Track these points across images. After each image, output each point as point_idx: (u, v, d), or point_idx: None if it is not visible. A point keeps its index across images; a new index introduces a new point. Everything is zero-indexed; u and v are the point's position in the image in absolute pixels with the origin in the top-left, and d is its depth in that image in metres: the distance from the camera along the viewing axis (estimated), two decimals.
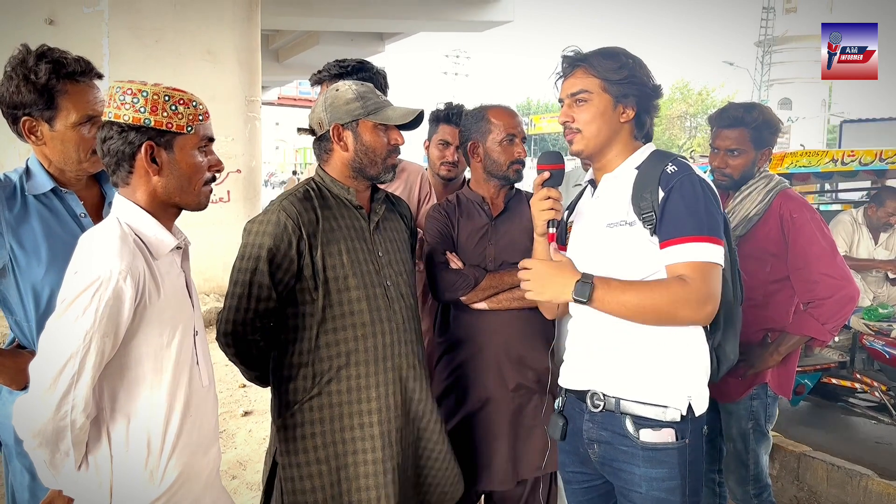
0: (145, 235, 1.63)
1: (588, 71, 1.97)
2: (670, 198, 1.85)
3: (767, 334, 2.79)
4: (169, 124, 1.61)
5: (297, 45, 19.95)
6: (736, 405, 2.81)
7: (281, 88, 32.32)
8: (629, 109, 1.96)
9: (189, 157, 1.66)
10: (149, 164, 1.61)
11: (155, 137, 1.61)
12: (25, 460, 1.94)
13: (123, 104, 1.59)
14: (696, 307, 1.79)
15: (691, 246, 1.81)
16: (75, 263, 1.54)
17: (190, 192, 1.69)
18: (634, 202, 1.90)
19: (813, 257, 2.66)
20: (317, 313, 2.06)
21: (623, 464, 1.94)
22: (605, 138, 1.98)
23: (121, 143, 1.59)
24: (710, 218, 1.85)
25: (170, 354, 1.64)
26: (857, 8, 38.70)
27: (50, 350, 1.49)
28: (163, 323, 1.62)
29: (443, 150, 3.05)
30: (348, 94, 2.13)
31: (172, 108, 1.61)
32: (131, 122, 1.58)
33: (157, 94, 1.60)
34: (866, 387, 4.87)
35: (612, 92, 1.95)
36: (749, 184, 2.80)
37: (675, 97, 45.04)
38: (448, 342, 2.63)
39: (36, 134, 1.95)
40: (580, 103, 1.98)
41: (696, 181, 1.87)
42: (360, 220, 2.18)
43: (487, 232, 2.59)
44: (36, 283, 1.92)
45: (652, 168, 1.92)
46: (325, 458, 2.09)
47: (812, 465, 4.20)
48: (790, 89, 42.63)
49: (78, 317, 1.47)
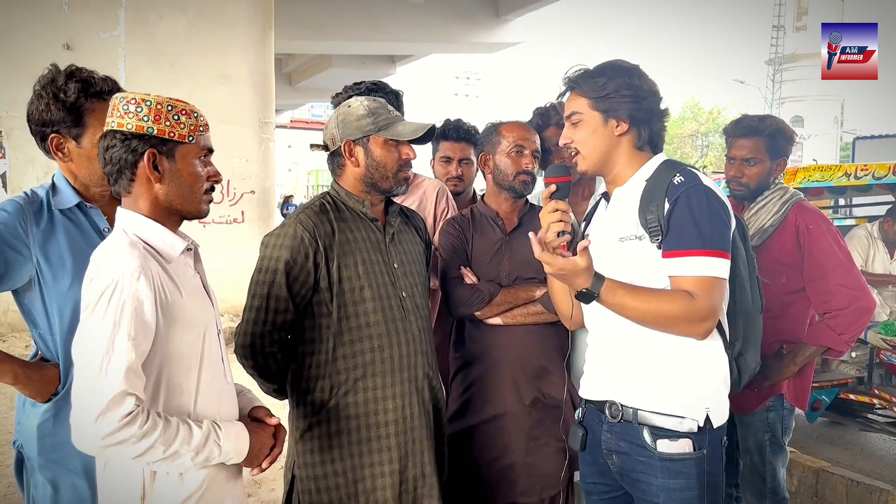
0: (153, 242, 1.65)
1: (577, 92, 2.01)
2: (675, 209, 1.85)
3: (783, 346, 2.78)
4: (171, 133, 1.64)
5: (310, 68, 20.17)
6: (752, 417, 2.80)
7: (293, 112, 32.62)
8: (622, 123, 1.96)
9: (190, 166, 1.69)
10: (151, 172, 1.63)
11: (157, 145, 1.63)
12: (48, 473, 1.96)
13: (127, 113, 1.61)
14: (696, 323, 1.82)
15: (695, 260, 1.81)
16: (89, 273, 1.57)
17: (191, 199, 1.71)
18: (641, 215, 1.90)
19: (829, 268, 2.66)
20: (333, 325, 2.08)
21: (641, 474, 1.94)
22: (603, 154, 2.00)
23: (123, 151, 1.62)
24: (715, 229, 1.84)
25: (198, 352, 1.67)
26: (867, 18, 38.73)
27: (82, 360, 1.51)
28: (188, 323, 1.64)
29: (446, 167, 3.07)
30: (360, 110, 2.16)
31: (175, 118, 1.64)
32: (134, 130, 1.61)
33: (161, 104, 1.63)
34: (884, 402, 4.81)
35: (600, 108, 1.96)
36: (764, 195, 2.81)
37: (686, 116, 45.06)
38: (463, 358, 2.63)
39: (63, 150, 2.00)
40: (575, 125, 2.01)
41: (701, 191, 1.86)
42: (376, 233, 2.20)
43: (501, 247, 2.60)
44: (61, 297, 1.94)
45: (660, 180, 1.92)
46: (342, 471, 2.10)
47: (831, 481, 4.15)
48: (802, 107, 42.54)
49: (100, 321, 1.49)
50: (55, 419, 1.95)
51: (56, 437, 1.95)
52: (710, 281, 1.81)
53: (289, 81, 21.79)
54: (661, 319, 1.84)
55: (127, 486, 1.60)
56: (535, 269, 2.46)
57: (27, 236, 1.93)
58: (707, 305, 1.80)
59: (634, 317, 1.86)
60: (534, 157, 2.61)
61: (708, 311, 1.80)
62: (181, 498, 1.61)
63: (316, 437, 2.10)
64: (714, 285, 1.81)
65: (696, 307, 1.79)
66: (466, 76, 61.39)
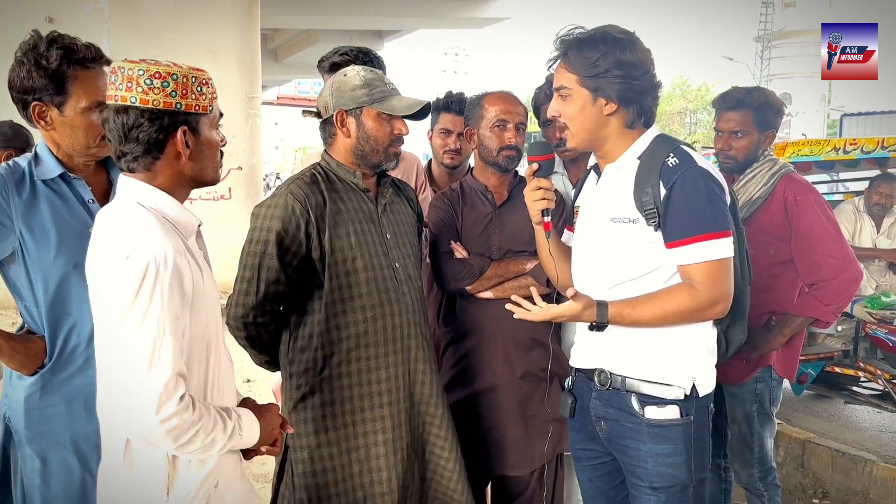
0: (172, 217, 1.59)
1: (567, 66, 1.95)
2: (673, 195, 1.84)
3: (772, 317, 2.80)
4: (197, 107, 1.57)
5: (296, 44, 19.94)
6: (740, 388, 2.83)
7: (280, 88, 32.30)
8: (612, 103, 1.92)
9: (211, 136, 1.64)
10: (183, 149, 1.56)
11: (186, 122, 1.56)
12: (36, 446, 1.95)
13: (151, 88, 1.50)
14: (707, 309, 1.86)
15: (699, 246, 1.83)
16: (121, 246, 1.47)
17: (212, 169, 1.67)
18: (636, 197, 1.90)
19: (816, 239, 2.67)
20: (325, 296, 2.07)
21: (629, 440, 1.96)
22: (591, 132, 1.97)
23: (154, 131, 1.53)
24: (714, 210, 1.85)
25: (213, 332, 1.64)
26: (856, 1, 38.57)
27: (134, 344, 1.45)
28: (206, 302, 1.60)
29: (445, 139, 3.06)
30: (355, 80, 2.13)
31: (198, 90, 1.57)
32: (162, 107, 1.52)
33: (186, 77, 1.54)
34: (869, 375, 4.87)
35: (590, 87, 1.91)
36: (753, 167, 2.81)
37: (675, 93, 44.97)
38: (454, 332, 2.63)
39: (45, 119, 1.96)
40: (564, 98, 1.97)
41: (697, 174, 1.86)
42: (368, 203, 2.19)
43: (491, 221, 2.59)
44: (45, 269, 1.92)
45: (653, 160, 1.90)
46: (335, 440, 2.10)
47: (817, 452, 4.22)
48: (790, 84, 42.53)
49: (148, 302, 1.44)
50: (42, 392, 1.94)
51: (44, 409, 1.94)
52: (717, 264, 1.83)
53: (275, 57, 21.55)
54: (675, 318, 1.87)
55: (152, 472, 1.55)
56: (526, 243, 2.46)
57: (9, 207, 1.90)
58: (713, 291, 1.83)
59: (650, 325, 1.90)
60: (518, 129, 2.54)
61: (716, 296, 1.84)
62: (199, 480, 1.58)
63: (309, 408, 2.10)
64: (721, 268, 1.84)
65: (700, 297, 1.83)
66: (455, 52, 61.00)
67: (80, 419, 1.95)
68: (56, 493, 1.96)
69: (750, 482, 2.87)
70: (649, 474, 1.93)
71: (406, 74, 58.81)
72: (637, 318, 1.88)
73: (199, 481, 1.58)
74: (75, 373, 1.96)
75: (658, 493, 1.93)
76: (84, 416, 1.94)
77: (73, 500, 1.97)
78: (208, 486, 1.60)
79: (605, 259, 1.99)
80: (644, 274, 1.92)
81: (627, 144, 1.98)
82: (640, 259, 1.91)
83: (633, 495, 2.01)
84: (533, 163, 2.07)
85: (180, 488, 1.56)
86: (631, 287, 1.92)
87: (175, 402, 1.45)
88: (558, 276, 2.16)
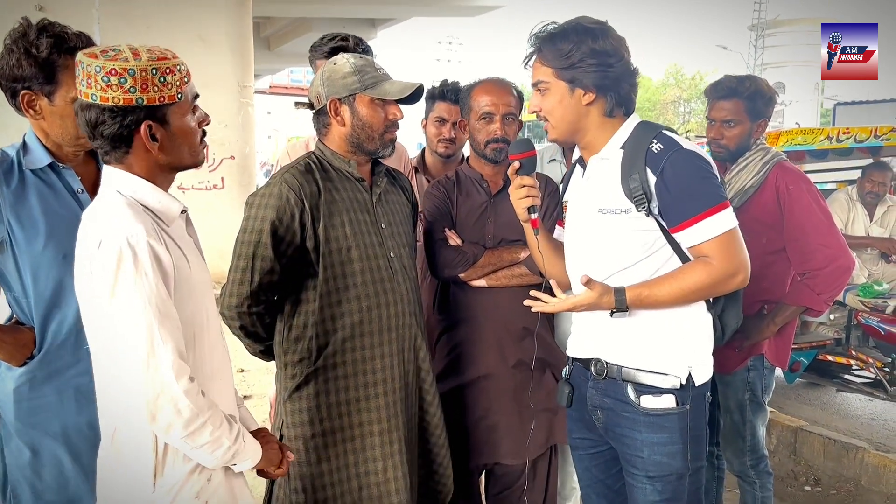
0: (151, 205, 1.58)
1: (542, 60, 1.96)
2: (665, 181, 1.85)
3: (764, 306, 2.81)
4: (161, 98, 1.53)
5: (289, 32, 19.78)
6: (732, 376, 2.84)
7: (272, 77, 32.10)
8: (589, 92, 1.92)
9: (184, 123, 1.60)
10: (149, 143, 1.55)
11: (151, 115, 1.54)
12: (26, 437, 1.94)
13: (109, 86, 1.48)
14: (728, 281, 1.85)
15: (704, 223, 1.83)
16: (94, 234, 1.48)
17: (190, 154, 1.64)
18: (624, 185, 1.90)
19: (809, 228, 2.67)
20: (320, 285, 2.07)
21: (625, 429, 1.97)
22: (571, 123, 1.97)
23: (117, 128, 1.51)
24: (710, 185, 1.86)
25: (201, 320, 1.63)
26: None
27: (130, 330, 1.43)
28: (192, 288, 1.59)
29: (440, 128, 3.05)
30: (346, 67, 2.12)
31: (161, 81, 1.52)
32: (122, 104, 1.49)
33: (145, 71, 1.49)
34: (861, 363, 4.91)
35: (565, 78, 1.92)
36: (746, 156, 2.81)
37: (669, 82, 45.00)
38: (448, 320, 2.63)
39: (34, 108, 1.93)
40: (542, 92, 1.98)
41: (684, 156, 1.87)
42: (363, 193, 2.18)
43: (486, 209, 2.59)
44: (34, 259, 1.91)
45: (637, 147, 1.91)
46: (330, 430, 2.10)
47: (809, 440, 4.25)
48: (783, 73, 42.57)
49: (133, 286, 1.42)
50: (31, 383, 1.93)
51: (33, 401, 1.94)
52: (726, 236, 1.84)
53: (267, 46, 21.37)
54: (695, 294, 1.87)
55: (139, 457, 1.53)
56: (520, 232, 2.45)
57: None
58: (729, 262, 1.83)
59: (670, 304, 1.89)
60: (506, 120, 2.51)
61: (733, 267, 1.84)
62: (185, 472, 1.56)
63: (304, 398, 2.10)
64: (731, 238, 1.84)
65: (717, 269, 1.83)
66: (448, 41, 60.81)
67: (70, 410, 1.95)
68: (48, 484, 1.96)
69: (742, 470, 2.89)
70: (645, 463, 1.94)
71: (400, 64, 58.51)
72: (656, 298, 1.87)
73: (186, 473, 1.56)
74: (65, 364, 1.95)
75: (654, 481, 1.94)
76: (74, 407, 1.93)
77: (65, 492, 1.96)
78: (198, 479, 1.58)
79: (596, 251, 1.99)
80: (637, 262, 1.92)
81: (609, 134, 1.98)
82: (632, 248, 1.92)
83: (630, 484, 2.02)
84: (514, 161, 2.07)
85: (167, 479, 1.54)
86: (625, 276, 1.92)
87: (186, 381, 1.44)
88: (548, 272, 2.16)
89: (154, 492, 1.53)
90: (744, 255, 1.86)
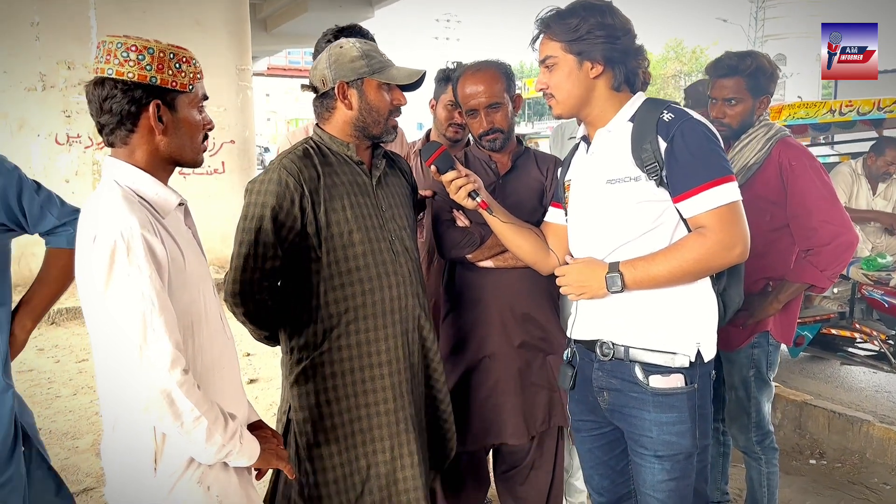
0: (148, 196, 1.59)
1: (550, 36, 1.97)
2: (674, 148, 1.84)
3: (768, 283, 2.81)
4: (174, 83, 1.57)
5: (285, 13, 19.64)
6: (737, 353, 2.84)
7: (270, 58, 31.94)
8: (597, 65, 1.94)
9: (190, 115, 1.63)
10: (155, 123, 1.57)
11: (161, 96, 1.57)
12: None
13: (127, 61, 1.52)
14: (725, 254, 1.83)
15: (706, 194, 1.82)
16: (89, 229, 1.49)
17: (191, 149, 1.66)
18: (635, 155, 1.89)
19: (812, 204, 2.66)
20: (323, 270, 2.07)
21: (633, 410, 1.97)
22: (579, 97, 1.98)
23: (126, 102, 1.54)
24: (716, 157, 1.85)
25: (198, 310, 1.64)
26: None
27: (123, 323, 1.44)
28: (187, 279, 1.60)
29: (451, 111, 3.02)
30: (353, 51, 2.11)
31: (176, 67, 1.57)
32: (136, 79, 1.53)
33: (164, 52, 1.55)
34: (865, 336, 4.90)
35: (574, 51, 1.93)
36: (748, 133, 2.79)
37: (669, 56, 44.68)
38: (454, 300, 2.64)
39: None
40: (550, 69, 1.99)
41: (694, 125, 1.86)
42: (362, 176, 2.18)
43: (494, 190, 2.57)
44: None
45: (647, 118, 1.91)
46: (338, 412, 2.12)
47: (814, 414, 4.26)
48: (784, 45, 42.28)
49: (127, 278, 1.44)
50: None
51: None
52: (727, 208, 1.82)
53: (264, 27, 21.24)
54: (693, 267, 1.85)
55: (139, 445, 1.56)
56: (528, 213, 2.45)
57: None
58: (726, 234, 1.81)
59: (668, 280, 1.88)
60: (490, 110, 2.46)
61: (729, 238, 1.82)
62: (186, 459, 1.58)
63: (310, 382, 2.11)
64: (732, 210, 1.83)
65: (713, 241, 1.81)
66: (447, 19, 60.37)
67: None
68: None
69: (748, 446, 2.90)
70: (654, 443, 1.95)
71: (397, 42, 58.21)
72: (653, 273, 1.87)
73: (187, 460, 1.58)
74: None
75: (663, 461, 1.95)
76: None
77: None
78: (200, 465, 1.60)
79: (604, 222, 1.98)
80: (645, 232, 1.91)
81: (616, 108, 1.99)
82: (639, 218, 1.91)
83: (637, 464, 2.02)
84: (431, 166, 2.16)
85: (168, 466, 1.57)
86: (632, 248, 1.92)
87: (179, 372, 1.45)
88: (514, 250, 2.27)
89: (156, 477, 1.56)
90: (742, 228, 1.84)
